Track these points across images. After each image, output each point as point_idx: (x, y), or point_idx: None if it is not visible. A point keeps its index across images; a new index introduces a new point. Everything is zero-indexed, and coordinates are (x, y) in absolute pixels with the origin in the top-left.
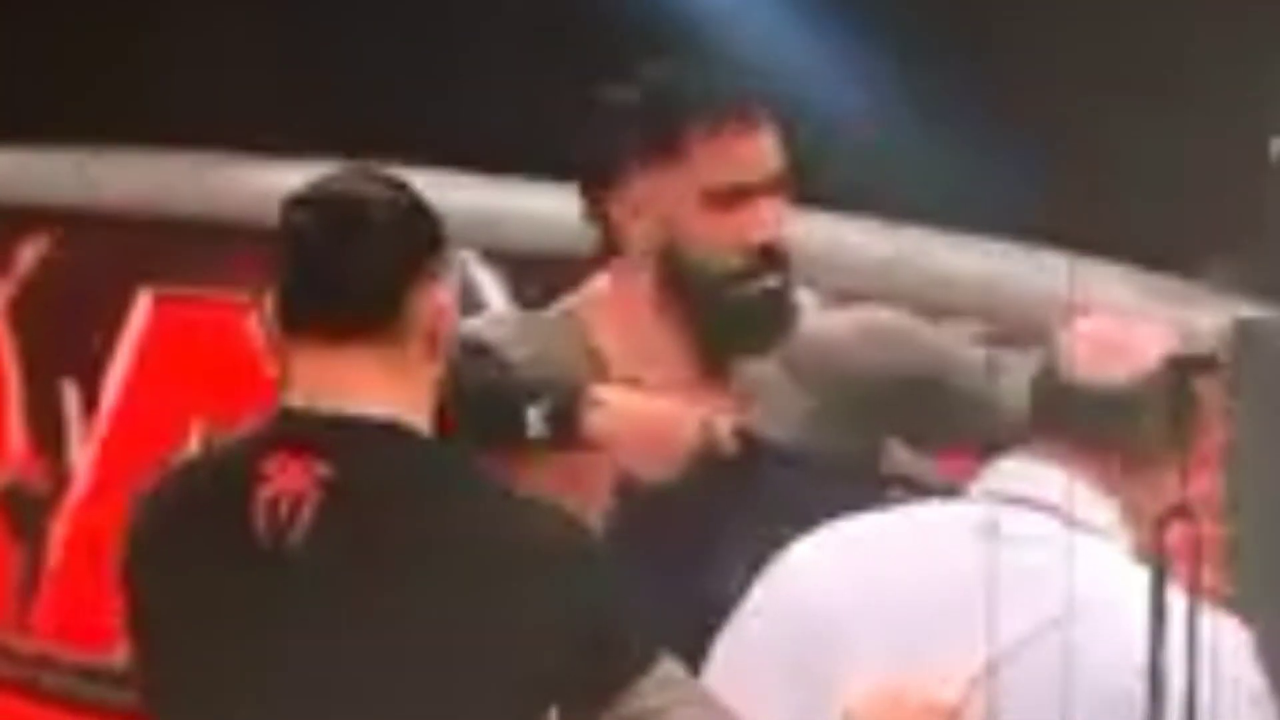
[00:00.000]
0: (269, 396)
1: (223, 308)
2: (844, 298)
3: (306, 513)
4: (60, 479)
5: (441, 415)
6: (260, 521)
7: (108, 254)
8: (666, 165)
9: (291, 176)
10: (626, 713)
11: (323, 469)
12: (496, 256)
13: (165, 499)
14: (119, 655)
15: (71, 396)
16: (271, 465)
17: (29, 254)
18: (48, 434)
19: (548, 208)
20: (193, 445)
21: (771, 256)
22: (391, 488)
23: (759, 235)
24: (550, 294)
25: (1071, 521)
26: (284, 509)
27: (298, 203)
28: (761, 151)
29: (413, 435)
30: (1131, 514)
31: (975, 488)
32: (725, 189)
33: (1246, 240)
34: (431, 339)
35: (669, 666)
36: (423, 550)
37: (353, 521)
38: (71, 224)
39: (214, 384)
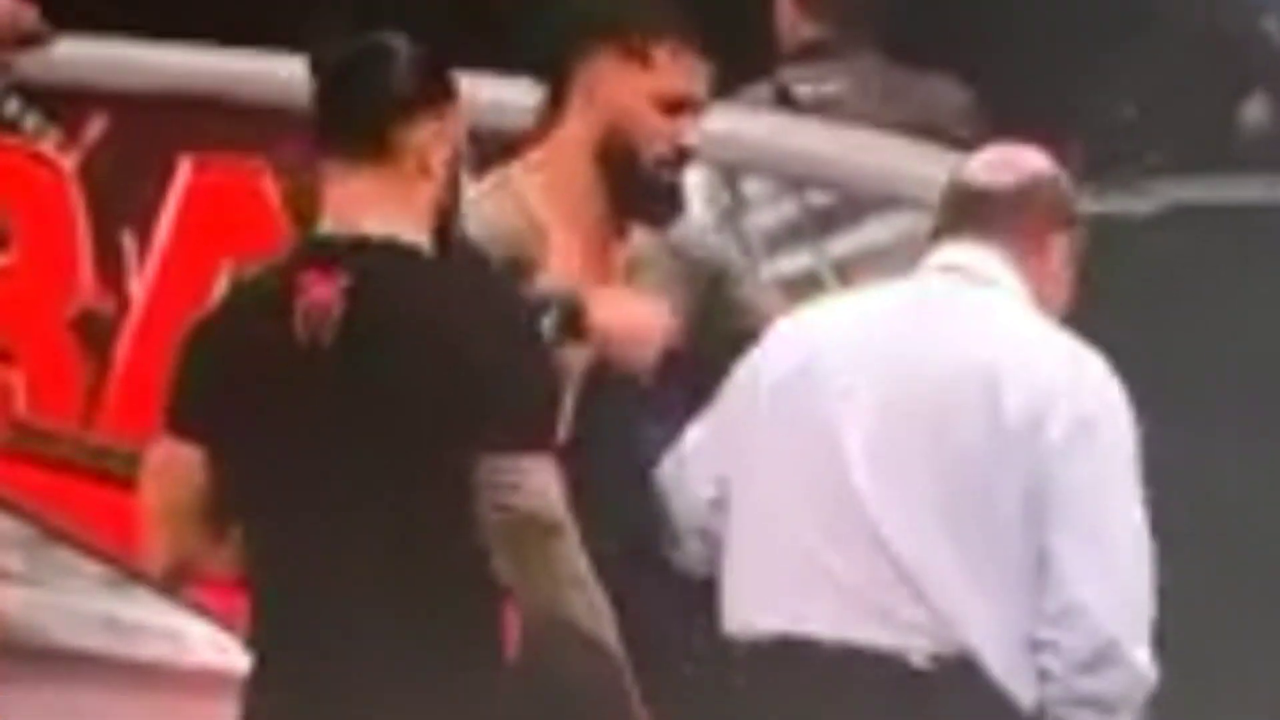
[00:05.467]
0: (278, 242)
1: (244, 172)
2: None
3: (333, 317)
4: (120, 306)
5: (442, 233)
6: (299, 325)
7: (156, 128)
8: (636, 69)
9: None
10: (496, 472)
11: (343, 280)
12: None
13: (221, 315)
14: None
15: (129, 241)
16: (305, 279)
17: (94, 127)
18: (110, 271)
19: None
20: (222, 281)
21: (685, 156)
22: (392, 292)
23: (686, 138)
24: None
25: (985, 280)
26: (316, 315)
27: (321, 57)
28: (705, 75)
29: (408, 249)
30: (1023, 275)
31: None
32: (675, 97)
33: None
34: (424, 167)
35: (549, 466)
36: (408, 333)
37: (365, 321)
38: (128, 103)
39: (237, 233)
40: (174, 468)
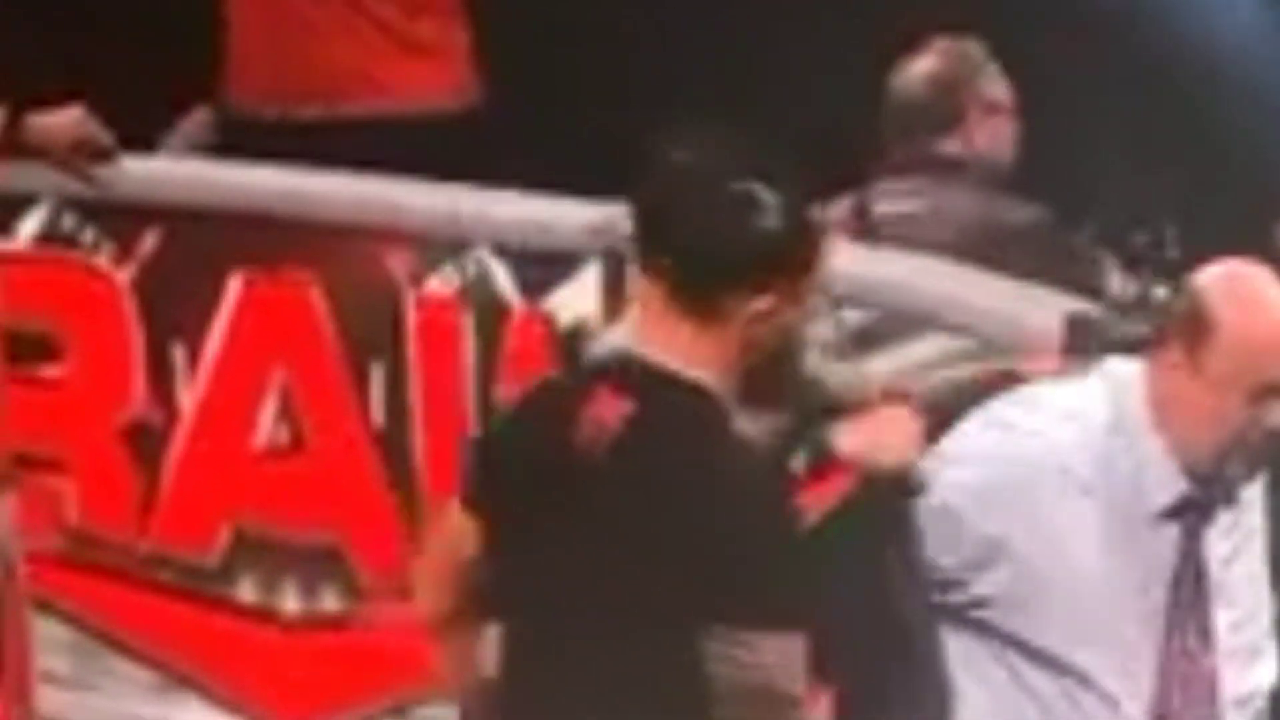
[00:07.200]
0: (326, 357)
1: (295, 287)
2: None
3: (608, 437)
4: (170, 418)
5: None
6: (579, 434)
7: (209, 243)
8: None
9: (354, 185)
10: (730, 651)
11: (630, 407)
12: (504, 250)
13: (524, 400)
14: (214, 556)
15: (180, 354)
16: (597, 390)
17: (148, 242)
18: (162, 384)
19: (546, 214)
20: (270, 394)
21: None
22: (672, 436)
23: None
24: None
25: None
26: (595, 429)
27: (683, 178)
28: None
29: (701, 394)
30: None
31: None
32: None
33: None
34: (749, 338)
35: (795, 645)
36: (671, 481)
37: (638, 455)
38: (181, 218)
39: (287, 347)
40: (451, 529)
